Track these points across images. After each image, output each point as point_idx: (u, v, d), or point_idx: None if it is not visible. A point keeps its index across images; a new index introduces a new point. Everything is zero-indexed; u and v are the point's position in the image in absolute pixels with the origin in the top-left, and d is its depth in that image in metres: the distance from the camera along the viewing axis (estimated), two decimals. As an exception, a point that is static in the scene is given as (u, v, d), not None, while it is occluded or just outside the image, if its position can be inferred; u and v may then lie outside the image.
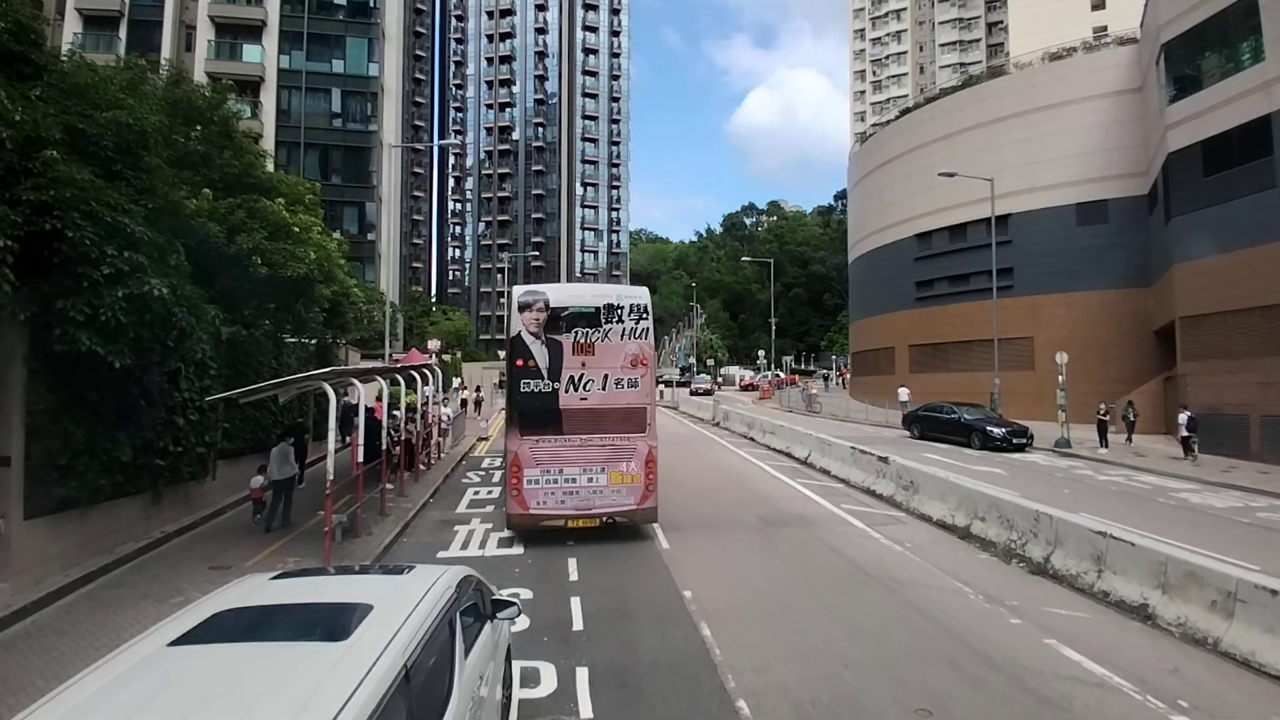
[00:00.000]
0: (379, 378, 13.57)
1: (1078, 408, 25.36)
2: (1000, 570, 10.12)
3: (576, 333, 11.30)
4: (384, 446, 13.04)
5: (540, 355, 11.23)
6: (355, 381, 10.97)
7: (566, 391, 11.21)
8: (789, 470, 18.47)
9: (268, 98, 39.29)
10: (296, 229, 13.09)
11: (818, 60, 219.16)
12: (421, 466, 17.71)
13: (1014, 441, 22.87)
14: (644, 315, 11.61)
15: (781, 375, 54.35)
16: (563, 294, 11.72)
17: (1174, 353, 26.17)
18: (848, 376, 49.98)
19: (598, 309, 11.45)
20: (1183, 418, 21.11)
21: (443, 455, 20.09)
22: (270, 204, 12.89)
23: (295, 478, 13.33)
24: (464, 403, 39.71)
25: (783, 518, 13.04)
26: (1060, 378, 23.72)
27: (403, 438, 14.83)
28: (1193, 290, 24.17)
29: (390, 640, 3.29)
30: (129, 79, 10.66)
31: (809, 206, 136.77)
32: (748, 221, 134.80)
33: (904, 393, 36.99)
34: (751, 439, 24.86)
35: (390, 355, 40.31)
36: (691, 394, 49.18)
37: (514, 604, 5.29)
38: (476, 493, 15.54)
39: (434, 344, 27.74)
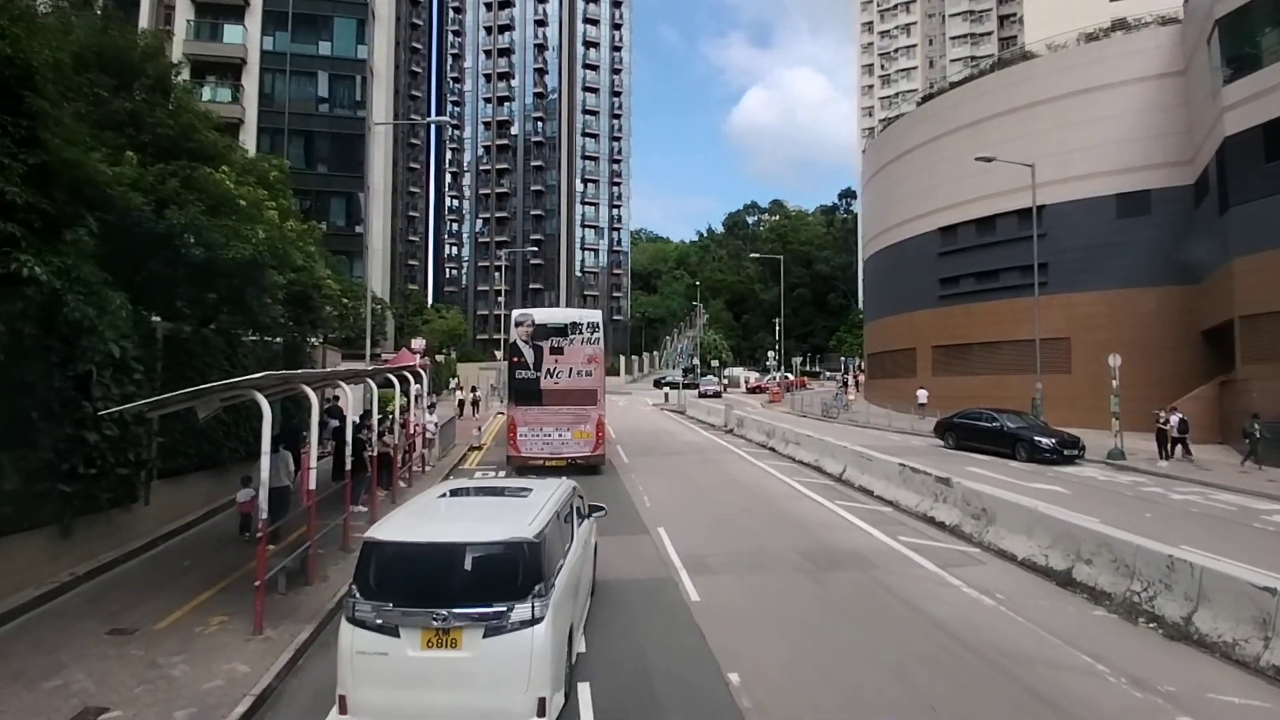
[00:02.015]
0: (341, 382, 11.31)
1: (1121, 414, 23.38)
2: (1127, 634, 7.90)
3: (552, 340, 17.24)
4: (347, 464, 10.79)
5: (528, 354, 17.29)
6: (306, 388, 8.72)
7: (545, 378, 17.18)
8: (823, 489, 16.20)
9: (250, 81, 37.05)
10: (243, 203, 10.83)
11: (815, 58, 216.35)
12: (401, 483, 15.46)
13: (1064, 453, 20.64)
14: (596, 329, 17.68)
15: (790, 377, 52.07)
16: (543, 315, 18.57)
17: (1226, 354, 24.01)
18: (861, 379, 47.75)
19: (566, 325, 17.56)
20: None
21: (428, 469, 17.85)
22: (211, 172, 10.63)
23: (289, 488, 11.35)
24: (460, 404, 37.47)
25: (832, 555, 10.78)
26: (1114, 382, 21.53)
27: (375, 452, 12.58)
28: (1254, 286, 21.97)
29: (547, 500, 6.64)
30: (23, 7, 8.40)
31: (810, 206, 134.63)
32: (750, 220, 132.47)
33: (922, 395, 34.97)
34: (772, 449, 22.59)
35: (379, 356, 38.09)
36: (700, 396, 46.82)
37: (603, 508, 8.79)
38: (463, 517, 13.25)
39: (418, 343, 25.35)
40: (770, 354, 48.92)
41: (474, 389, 39.15)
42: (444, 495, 7.23)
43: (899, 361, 38.68)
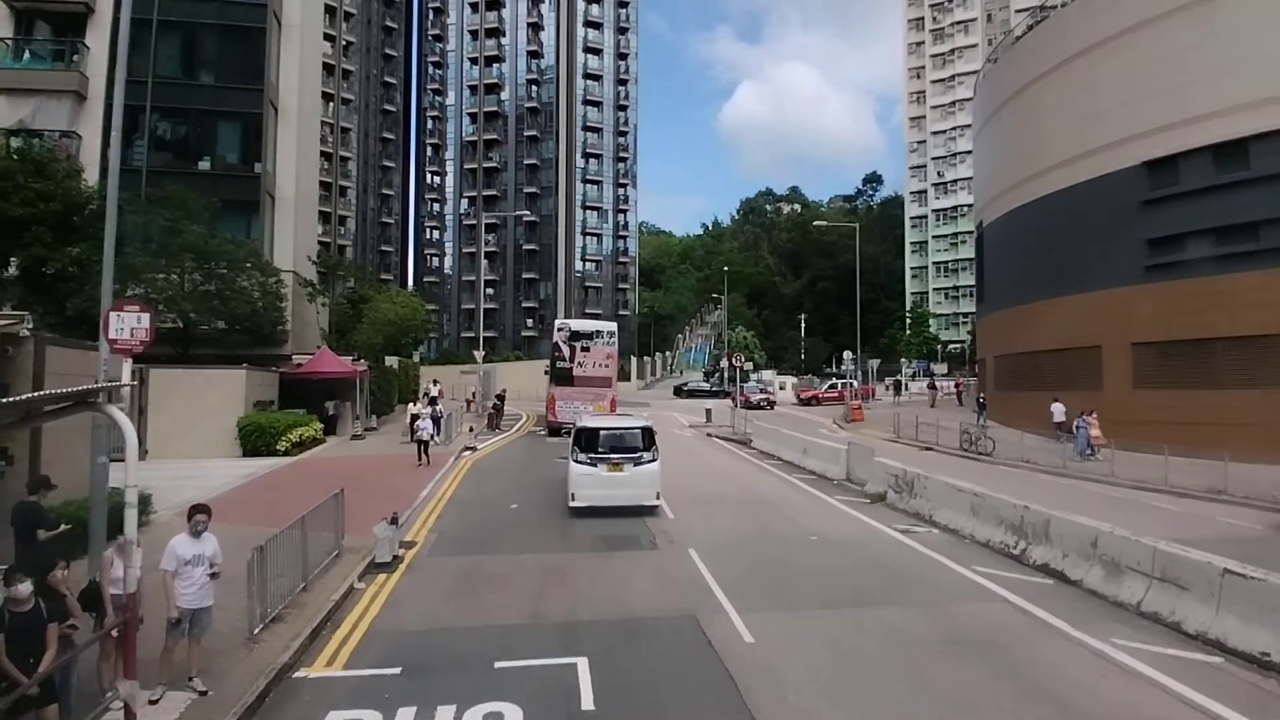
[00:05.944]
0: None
1: None
2: None
3: (581, 342, 27.80)
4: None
5: (565, 351, 27.61)
6: None
7: (576, 367, 27.42)
8: None
9: (104, -49, 25.15)
10: None
11: (809, 51, 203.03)
12: None
13: None
14: (613, 335, 28.76)
15: (855, 385, 40.39)
16: (576, 324, 29.68)
17: None
18: (961, 387, 36.00)
19: (591, 332, 28.48)
20: None
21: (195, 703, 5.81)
22: None
23: None
24: (412, 421, 24.84)
25: None
26: None
27: None
28: None
29: (646, 420, 16.19)
30: None
31: (819, 199, 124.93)
32: (767, 209, 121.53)
33: (1058, 411, 24.08)
34: (1064, 577, 9.73)
35: (290, 359, 26.06)
36: (745, 407, 34.65)
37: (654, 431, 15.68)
38: None
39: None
40: (846, 354, 37.27)
41: (430, 399, 27.01)
42: (595, 415, 19.19)
43: (1065, 367, 26.39)
